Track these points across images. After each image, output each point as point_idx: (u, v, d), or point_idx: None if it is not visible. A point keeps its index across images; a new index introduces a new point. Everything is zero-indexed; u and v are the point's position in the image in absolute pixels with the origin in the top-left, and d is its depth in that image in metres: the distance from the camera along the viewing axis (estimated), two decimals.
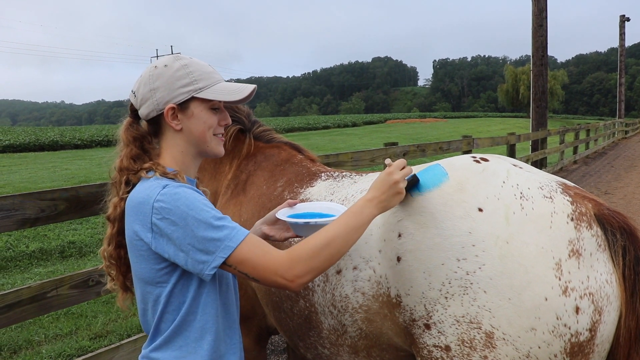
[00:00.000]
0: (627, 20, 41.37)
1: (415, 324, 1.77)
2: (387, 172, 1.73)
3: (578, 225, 1.64)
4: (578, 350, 1.59)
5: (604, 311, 1.61)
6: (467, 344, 1.65)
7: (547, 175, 1.86)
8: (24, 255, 7.63)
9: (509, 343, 1.60)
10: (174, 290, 1.61)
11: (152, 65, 1.73)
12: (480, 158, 1.88)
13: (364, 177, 2.34)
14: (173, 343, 1.63)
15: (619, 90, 42.70)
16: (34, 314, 2.87)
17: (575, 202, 1.70)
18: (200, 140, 1.73)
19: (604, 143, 27.15)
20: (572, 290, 1.58)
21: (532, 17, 15.81)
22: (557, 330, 1.57)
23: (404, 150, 6.45)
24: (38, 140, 28.42)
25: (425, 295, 1.73)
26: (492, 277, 1.61)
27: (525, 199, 1.69)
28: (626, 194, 11.93)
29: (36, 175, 14.49)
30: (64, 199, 2.89)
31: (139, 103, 1.71)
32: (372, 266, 1.89)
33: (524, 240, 1.62)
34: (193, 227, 1.50)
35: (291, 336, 2.34)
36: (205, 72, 1.72)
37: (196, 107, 1.70)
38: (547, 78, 16.09)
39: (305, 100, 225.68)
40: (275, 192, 2.62)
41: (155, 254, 1.57)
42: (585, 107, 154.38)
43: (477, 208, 1.69)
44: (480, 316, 1.62)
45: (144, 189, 1.59)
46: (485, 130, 41.30)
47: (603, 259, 1.64)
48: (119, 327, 5.07)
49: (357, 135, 37.21)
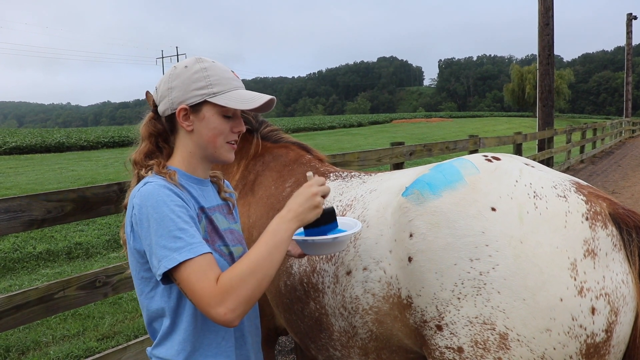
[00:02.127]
0: (634, 18, 41.15)
1: (426, 325, 1.75)
2: (305, 185, 1.70)
3: (593, 225, 1.61)
4: (594, 352, 1.56)
5: (620, 312, 1.58)
6: (480, 345, 1.62)
7: (560, 175, 1.83)
8: (31, 257, 7.66)
9: (524, 344, 1.57)
10: (158, 286, 1.63)
11: (174, 66, 1.76)
12: (492, 157, 1.85)
13: (373, 177, 2.31)
14: (164, 344, 1.66)
15: (625, 89, 42.45)
16: (42, 315, 2.87)
17: (590, 201, 1.67)
18: (209, 144, 1.74)
19: (610, 142, 27.03)
20: (588, 291, 1.55)
21: (538, 16, 15.76)
22: (573, 331, 1.54)
23: (411, 150, 6.43)
24: (44, 142, 28.51)
25: (437, 296, 1.70)
26: (506, 277, 1.58)
27: (539, 198, 1.65)
28: (634, 193, 11.87)
29: (42, 177, 14.55)
30: (71, 200, 2.89)
31: (158, 100, 1.75)
32: (383, 267, 1.87)
33: (538, 240, 1.59)
34: (153, 229, 1.51)
35: (302, 338, 2.32)
36: (224, 77, 1.72)
37: (208, 111, 1.71)
38: (554, 77, 16.03)
39: (310, 101, 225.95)
40: (284, 192, 2.59)
41: (135, 249, 1.61)
42: (591, 106, 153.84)
43: (490, 207, 1.66)
44: (494, 317, 1.59)
45: (137, 185, 1.65)
46: (492, 129, 41.18)
47: (619, 259, 1.61)
48: (126, 328, 5.07)
49: (363, 135, 37.19)
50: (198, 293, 1.48)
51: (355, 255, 1.96)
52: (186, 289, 1.50)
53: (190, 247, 1.50)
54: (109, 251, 8.10)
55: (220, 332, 1.70)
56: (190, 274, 1.48)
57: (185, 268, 1.48)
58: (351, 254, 1.98)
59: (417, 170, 2.02)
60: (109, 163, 19.01)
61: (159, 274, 1.51)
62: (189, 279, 1.48)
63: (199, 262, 1.50)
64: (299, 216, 1.65)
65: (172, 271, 1.49)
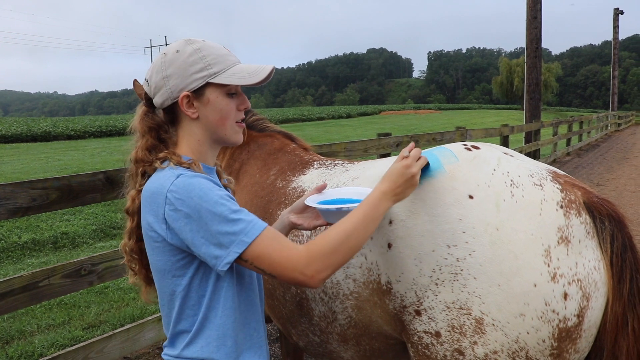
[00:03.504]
0: (621, 13, 41.41)
1: (405, 311, 1.78)
2: (404, 165, 1.65)
3: (567, 213, 1.66)
4: (566, 336, 1.61)
5: (592, 297, 1.63)
6: (457, 329, 1.66)
7: (538, 164, 1.87)
8: (16, 246, 7.61)
9: (498, 329, 1.61)
10: (192, 283, 1.56)
11: (162, 52, 1.64)
12: (472, 146, 1.88)
13: (356, 165, 2.34)
14: (196, 342, 1.57)
15: (612, 83, 42.79)
16: (26, 304, 2.87)
17: (565, 189, 1.71)
18: (218, 127, 1.65)
19: (596, 135, 27.26)
20: (561, 277, 1.59)
21: (526, 9, 15.82)
22: (546, 316, 1.59)
23: (397, 141, 6.45)
24: (30, 131, 28.22)
25: (416, 281, 1.74)
26: (482, 263, 1.62)
27: (516, 186, 1.69)
28: (617, 186, 12.00)
29: (28, 166, 14.43)
30: (56, 188, 2.88)
31: (152, 91, 1.63)
32: (364, 253, 1.90)
33: (513, 227, 1.63)
34: (207, 219, 1.44)
35: (284, 323, 2.36)
36: (220, 54, 1.63)
37: (212, 93, 1.61)
38: (541, 70, 16.12)
39: (299, 92, 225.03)
40: (268, 180, 2.63)
41: (171, 245, 1.52)
42: (579, 100, 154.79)
43: (467, 195, 1.70)
44: (470, 302, 1.64)
45: (158, 179, 1.54)
46: (480, 122, 41.36)
47: (592, 246, 1.65)
48: (112, 317, 5.07)
49: (351, 126, 37.21)
50: (281, 260, 1.46)
51: None
52: (264, 264, 1.47)
53: (251, 224, 1.47)
54: (95, 241, 8.07)
55: (252, 324, 1.66)
56: (265, 249, 1.46)
57: (256, 245, 1.45)
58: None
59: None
60: (96, 153, 18.88)
61: (227, 262, 1.45)
62: (266, 252, 1.46)
63: (267, 235, 1.47)
64: (397, 195, 1.63)
65: (242, 253, 1.46)
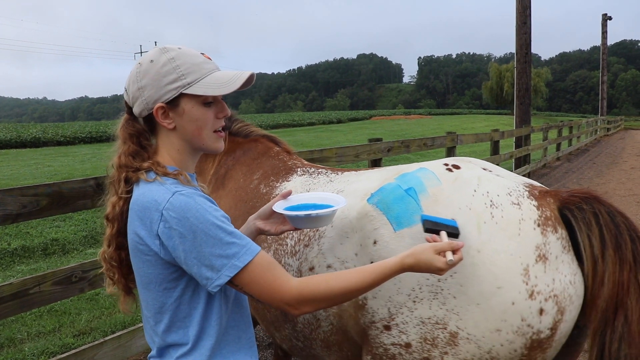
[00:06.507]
0: (609, 19, 41.79)
1: (373, 326, 1.85)
2: (439, 268, 1.55)
3: (544, 231, 1.73)
4: (537, 346, 1.69)
5: (566, 311, 1.69)
6: (429, 341, 1.73)
7: (516, 178, 1.95)
8: (5, 253, 7.54)
9: (472, 342, 1.68)
10: (184, 295, 1.54)
11: (138, 62, 1.61)
12: (453, 165, 1.95)
13: (340, 176, 2.36)
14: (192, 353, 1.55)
15: (601, 88, 43.12)
16: (16, 311, 2.85)
17: (541, 206, 1.78)
18: (194, 137, 1.62)
19: (586, 140, 27.44)
20: (538, 294, 1.66)
21: (516, 15, 15.91)
22: (521, 330, 1.66)
23: (389, 147, 6.47)
24: (20, 137, 28.10)
25: (392, 299, 1.80)
26: (463, 284, 1.69)
27: (495, 206, 1.76)
28: (607, 190, 12.08)
29: (18, 172, 14.33)
30: (46, 194, 2.87)
31: (131, 101, 1.61)
32: (348, 267, 1.94)
33: (494, 248, 1.69)
34: (201, 241, 1.44)
35: (268, 326, 2.41)
36: (194, 63, 1.58)
37: (187, 103, 1.57)
38: (531, 75, 16.21)
39: (290, 97, 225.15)
40: (251, 184, 2.68)
41: (162, 260, 1.51)
42: (568, 105, 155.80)
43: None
44: (447, 318, 1.70)
45: (150, 193, 1.51)
46: (470, 127, 41.54)
47: (568, 260, 1.72)
48: (102, 324, 5.04)
49: (342, 131, 37.26)
50: (272, 293, 1.48)
51: (319, 253, 2.04)
52: (254, 290, 1.48)
53: (245, 249, 1.47)
54: (85, 247, 8.02)
55: (241, 327, 1.67)
56: (258, 276, 1.47)
57: (248, 272, 1.46)
58: (314, 251, 2.07)
59: (383, 176, 2.09)
60: (86, 159, 18.79)
61: (217, 285, 1.45)
62: (256, 281, 1.47)
63: (259, 262, 1.47)
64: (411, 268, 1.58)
65: (233, 277, 1.45)
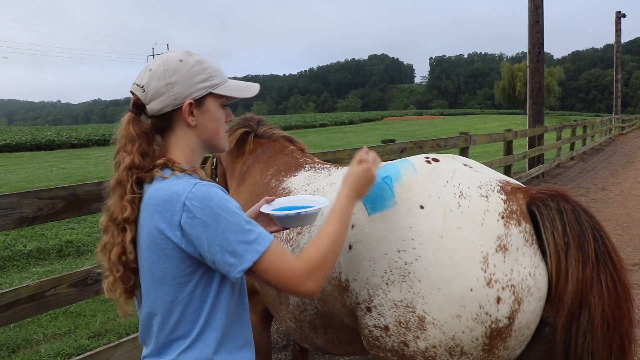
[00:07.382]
0: (623, 16, 41.39)
1: (358, 307, 1.98)
2: (366, 169, 1.82)
3: (507, 223, 1.81)
4: (497, 335, 1.77)
5: (524, 301, 1.76)
6: (403, 325, 1.85)
7: (494, 175, 2.04)
8: (21, 255, 7.62)
9: (437, 327, 1.78)
10: (196, 289, 1.58)
11: (162, 60, 1.68)
12: (433, 159, 2.06)
13: (338, 170, 2.58)
14: (195, 346, 1.59)
15: (615, 86, 42.70)
16: (33, 313, 2.87)
17: (509, 200, 1.86)
18: (213, 136, 1.75)
19: (600, 139, 27.20)
20: (496, 282, 1.75)
21: (528, 14, 15.81)
22: (480, 317, 1.75)
23: (402, 147, 6.45)
24: (34, 140, 28.38)
25: (369, 281, 1.93)
26: (426, 268, 1.80)
27: (464, 197, 1.87)
28: (623, 190, 11.97)
29: (33, 175, 14.47)
30: (62, 197, 2.89)
31: (149, 98, 1.65)
32: None
33: (456, 235, 1.79)
34: (225, 228, 1.50)
35: (270, 307, 2.61)
36: (217, 68, 1.74)
37: (211, 102, 1.71)
38: (544, 75, 16.09)
39: (302, 98, 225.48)
40: (264, 180, 2.89)
41: (183, 253, 1.54)
42: (581, 104, 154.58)
43: (419, 205, 1.88)
44: (415, 302, 1.81)
45: (169, 187, 1.55)
46: (482, 127, 41.33)
47: (529, 253, 1.80)
48: (117, 325, 5.06)
49: (354, 132, 37.26)
50: (288, 274, 1.55)
51: (310, 239, 2.20)
52: (271, 275, 1.54)
53: (262, 236, 1.55)
54: None
55: (244, 322, 1.73)
56: (274, 260, 1.54)
57: (268, 256, 1.53)
58: (305, 237, 2.27)
59: None
60: (100, 161, 18.93)
61: (241, 270, 1.50)
62: (274, 264, 1.54)
63: (274, 247, 1.55)
64: (359, 194, 1.81)
65: (254, 264, 1.52)
